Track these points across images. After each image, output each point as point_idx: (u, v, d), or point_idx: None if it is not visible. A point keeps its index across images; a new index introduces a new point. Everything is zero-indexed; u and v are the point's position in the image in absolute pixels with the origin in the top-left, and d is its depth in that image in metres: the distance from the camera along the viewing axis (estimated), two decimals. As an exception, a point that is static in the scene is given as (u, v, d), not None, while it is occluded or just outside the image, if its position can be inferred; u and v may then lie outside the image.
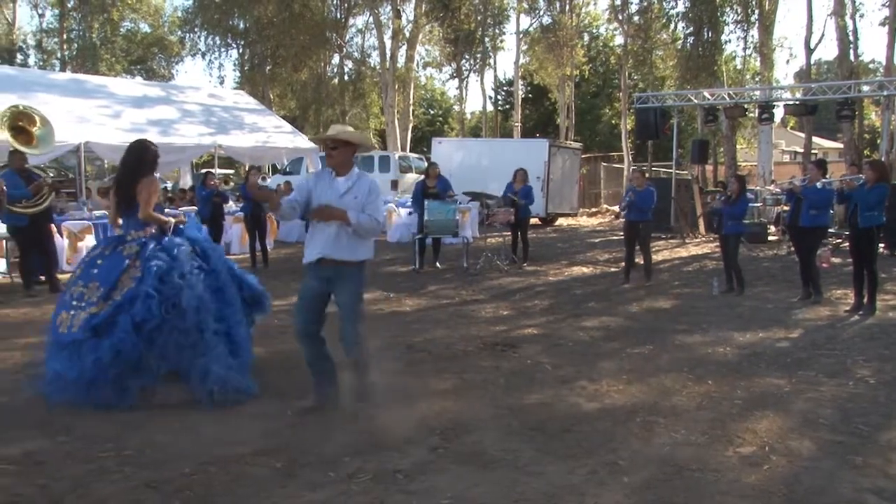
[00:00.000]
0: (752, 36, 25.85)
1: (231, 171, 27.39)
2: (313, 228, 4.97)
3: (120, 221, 5.63)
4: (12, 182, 9.43)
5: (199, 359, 5.16)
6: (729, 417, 5.01)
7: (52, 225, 10.60)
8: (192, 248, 5.53)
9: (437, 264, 12.50)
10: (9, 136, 9.85)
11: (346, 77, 35.20)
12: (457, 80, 36.84)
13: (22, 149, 9.84)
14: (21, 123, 10.14)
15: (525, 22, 31.71)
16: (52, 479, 3.99)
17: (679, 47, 27.16)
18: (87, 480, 3.97)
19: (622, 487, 3.91)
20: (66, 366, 5.13)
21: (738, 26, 25.91)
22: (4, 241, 10.35)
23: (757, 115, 20.00)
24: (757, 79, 26.29)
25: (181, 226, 5.72)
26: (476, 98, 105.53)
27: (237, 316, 5.61)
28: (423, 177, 13.48)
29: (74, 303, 5.31)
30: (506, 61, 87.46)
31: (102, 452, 4.34)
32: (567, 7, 31.30)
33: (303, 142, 19.10)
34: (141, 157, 5.63)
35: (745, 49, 27.39)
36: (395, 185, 21.51)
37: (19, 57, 36.44)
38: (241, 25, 32.28)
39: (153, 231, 5.51)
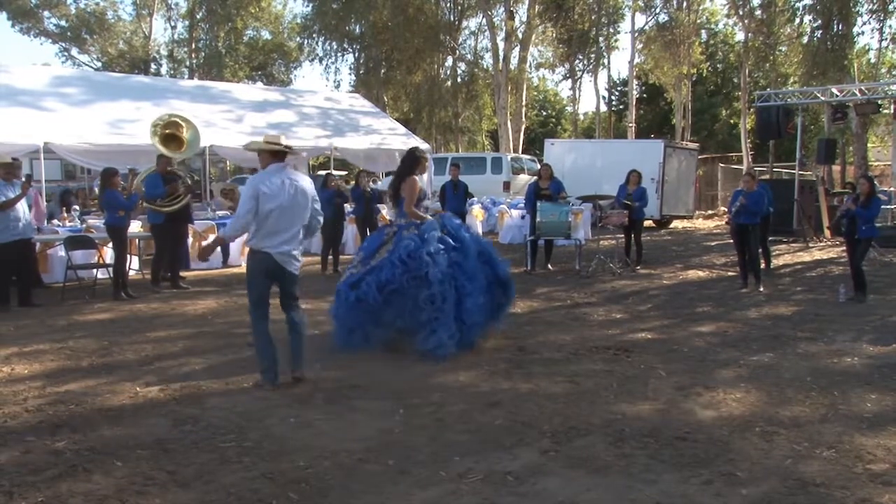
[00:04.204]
0: (890, 26, 24.33)
1: (345, 173, 28.05)
2: None
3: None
4: (154, 182, 10.19)
5: (432, 322, 6.39)
6: (858, 431, 4.74)
7: (189, 226, 11.25)
8: (443, 230, 6.77)
9: (549, 266, 12.40)
10: (158, 144, 10.58)
11: (459, 79, 35.46)
12: (570, 80, 36.55)
13: (169, 153, 10.51)
14: (169, 131, 10.85)
15: (640, 20, 31.08)
16: (179, 465, 4.20)
17: (805, 42, 25.88)
18: (210, 468, 4.16)
19: (740, 500, 3.76)
20: (334, 308, 6.82)
21: (874, 16, 24.36)
22: (137, 240, 10.99)
23: (893, 111, 18.83)
24: (894, 72, 24.72)
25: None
26: (589, 98, 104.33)
27: (472, 287, 6.61)
28: (535, 178, 13.41)
29: (350, 267, 7.07)
30: (620, 61, 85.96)
31: (224, 443, 4.55)
32: (684, 3, 30.45)
33: (416, 143, 19.35)
34: (405, 161, 6.94)
35: (880, 41, 25.84)
36: (506, 186, 21.49)
37: (153, 66, 38.64)
38: (357, 30, 33.03)
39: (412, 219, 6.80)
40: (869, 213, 9.38)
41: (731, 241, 11.34)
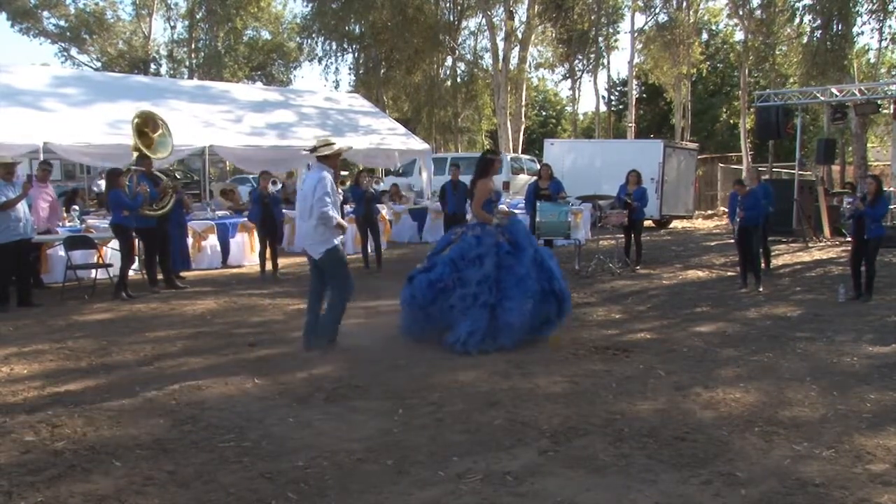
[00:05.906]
0: (890, 26, 24.28)
1: (345, 173, 28.00)
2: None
3: None
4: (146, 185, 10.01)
5: (464, 319, 6.66)
6: (857, 431, 4.74)
7: (182, 225, 11.20)
8: (503, 235, 6.98)
9: (548, 266, 12.38)
10: (135, 138, 10.49)
11: (458, 79, 35.42)
12: (569, 80, 36.55)
13: (143, 150, 10.43)
14: (146, 129, 10.79)
15: (640, 20, 31.06)
16: (179, 465, 4.20)
17: (804, 42, 25.85)
18: (210, 468, 4.16)
19: (739, 500, 3.76)
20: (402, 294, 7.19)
21: (874, 16, 24.29)
22: (137, 241, 10.96)
23: (892, 111, 18.81)
24: (893, 72, 24.68)
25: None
26: (589, 99, 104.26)
27: (517, 291, 6.78)
28: (535, 178, 13.40)
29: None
30: (620, 61, 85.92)
31: (223, 443, 4.55)
32: (684, 3, 30.44)
33: (416, 143, 19.33)
34: (478, 165, 7.30)
35: (880, 41, 25.81)
36: (506, 186, 21.45)
37: (153, 66, 38.61)
38: (357, 30, 32.98)
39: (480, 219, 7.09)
40: (876, 211, 9.42)
41: (731, 241, 11.34)
